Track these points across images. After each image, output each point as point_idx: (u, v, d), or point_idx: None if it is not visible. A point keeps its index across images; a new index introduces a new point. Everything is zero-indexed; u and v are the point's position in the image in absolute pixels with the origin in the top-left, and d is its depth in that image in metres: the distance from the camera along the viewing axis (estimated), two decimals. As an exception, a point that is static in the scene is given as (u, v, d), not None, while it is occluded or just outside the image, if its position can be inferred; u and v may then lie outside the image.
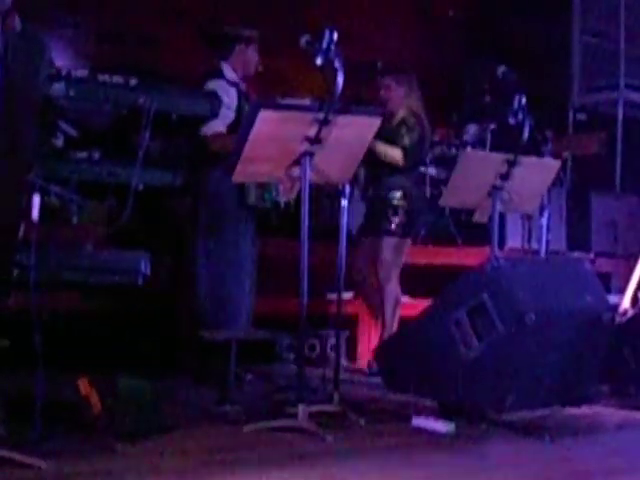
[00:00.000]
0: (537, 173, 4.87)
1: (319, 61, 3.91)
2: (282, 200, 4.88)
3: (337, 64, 3.89)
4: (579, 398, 4.35)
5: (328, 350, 5.61)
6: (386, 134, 5.38)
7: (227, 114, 4.81)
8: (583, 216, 7.92)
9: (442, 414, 4.26)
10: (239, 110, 4.92)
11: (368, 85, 6.89)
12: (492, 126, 7.18)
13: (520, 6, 9.05)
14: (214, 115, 4.45)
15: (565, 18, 9.62)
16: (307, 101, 4.88)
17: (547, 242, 7.04)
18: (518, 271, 4.10)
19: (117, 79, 3.91)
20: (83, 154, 4.00)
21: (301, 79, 6.22)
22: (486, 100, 7.26)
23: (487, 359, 3.96)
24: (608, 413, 4.75)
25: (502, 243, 6.93)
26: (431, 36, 8.74)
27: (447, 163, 7.01)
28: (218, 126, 4.79)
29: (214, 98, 4.32)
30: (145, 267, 3.96)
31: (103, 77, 3.91)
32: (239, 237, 4.87)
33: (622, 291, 5.75)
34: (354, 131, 4.01)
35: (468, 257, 6.46)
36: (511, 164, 4.67)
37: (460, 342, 4.03)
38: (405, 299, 6.57)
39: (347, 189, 4.38)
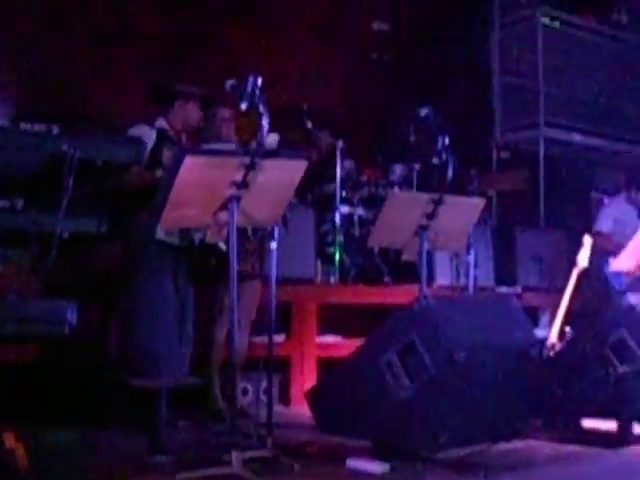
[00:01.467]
0: (462, 211, 4.94)
1: (244, 106, 3.93)
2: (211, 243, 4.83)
3: (261, 109, 3.92)
4: (511, 433, 4.38)
5: (260, 394, 5.55)
6: None
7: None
8: (509, 252, 8.05)
9: (377, 455, 4.24)
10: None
11: (294, 129, 6.96)
12: (417, 166, 7.28)
13: (442, 48, 9.24)
14: (139, 161, 4.41)
15: (485, 59, 9.87)
16: (233, 146, 4.89)
17: (475, 278, 7.13)
18: (447, 309, 4.14)
19: (39, 127, 3.85)
20: (5, 203, 3.92)
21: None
22: (411, 140, 7.37)
23: (419, 398, 3.97)
24: (540, 446, 4.80)
25: (431, 280, 7.01)
26: (356, 78, 8.86)
27: (375, 203, 7.08)
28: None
29: (139, 143, 4.29)
30: (72, 316, 3.88)
31: (25, 126, 3.85)
32: (166, 281, 4.81)
33: (550, 325, 5.84)
34: (281, 174, 4.02)
35: (398, 296, 6.51)
36: (437, 203, 4.73)
37: (392, 382, 4.03)
38: (337, 339, 6.59)
39: (276, 232, 4.38)
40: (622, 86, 10.61)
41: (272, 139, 4.28)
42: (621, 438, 4.98)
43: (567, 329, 5.45)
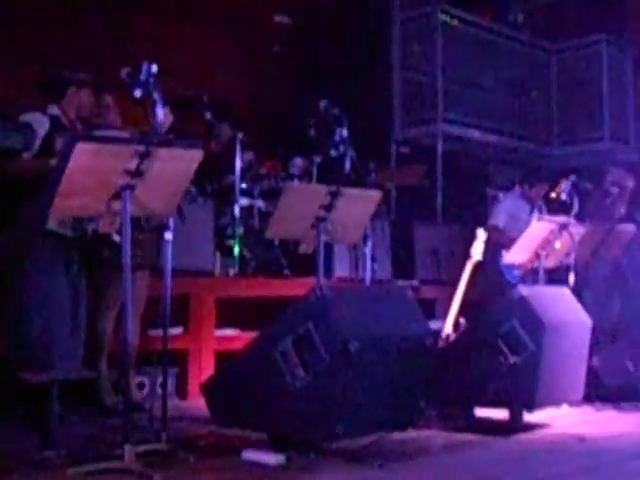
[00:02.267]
0: (360, 204, 4.97)
1: (138, 93, 3.87)
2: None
3: (156, 96, 3.86)
4: (406, 422, 4.43)
5: (157, 388, 5.48)
6: None
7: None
8: (407, 245, 8.17)
9: (272, 446, 4.24)
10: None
11: (193, 118, 6.89)
12: (317, 159, 7.30)
13: (343, 42, 9.30)
14: (29, 148, 4.30)
15: (386, 54, 9.97)
16: (126, 133, 4.81)
17: (373, 271, 7.20)
18: (342, 300, 4.15)
19: None
20: None
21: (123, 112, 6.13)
22: (311, 134, 7.38)
23: (314, 388, 3.98)
24: (434, 435, 4.89)
25: (330, 273, 7.05)
26: (257, 70, 8.83)
27: (275, 196, 7.06)
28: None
29: (29, 130, 4.17)
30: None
31: None
32: (58, 273, 4.69)
33: (446, 316, 5.93)
34: (176, 164, 3.96)
35: (297, 288, 6.49)
36: (334, 195, 4.74)
37: (286, 373, 4.03)
38: (236, 332, 6.55)
39: (171, 222, 4.32)
40: (518, 85, 10.89)
41: (165, 117, 4.16)
42: (512, 426, 5.10)
43: (461, 320, 5.56)
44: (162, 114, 3.91)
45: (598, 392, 6.07)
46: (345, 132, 4.86)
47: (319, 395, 3.98)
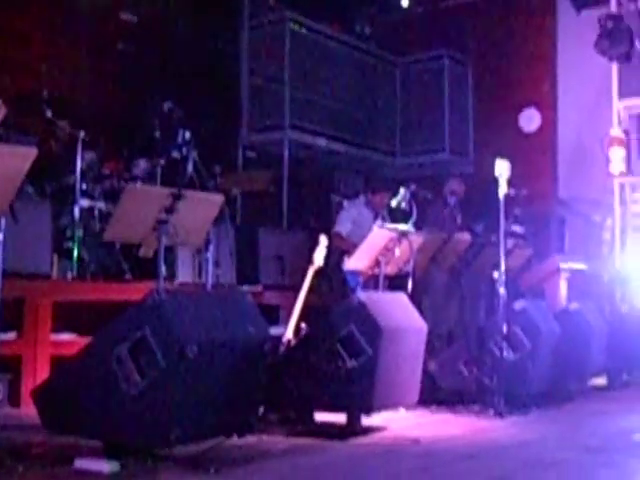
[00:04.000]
0: (202, 207, 4.92)
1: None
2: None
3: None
4: (244, 428, 4.41)
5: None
6: None
7: None
8: (252, 251, 8.15)
9: (108, 454, 4.12)
10: None
11: (33, 115, 6.65)
12: (162, 161, 7.18)
13: (191, 44, 9.20)
14: None
15: (235, 59, 9.94)
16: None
17: (217, 277, 7.16)
18: (180, 304, 4.10)
19: None
20: None
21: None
22: (155, 135, 7.25)
23: (150, 394, 3.90)
24: (273, 440, 4.88)
25: (172, 277, 6.94)
26: (101, 69, 8.61)
27: (117, 197, 6.89)
28: None
29: None
30: None
31: None
32: None
33: (289, 322, 5.95)
34: (8, 161, 3.80)
35: (138, 292, 6.35)
36: (176, 198, 4.67)
37: (122, 379, 3.93)
38: (73, 337, 6.34)
39: (2, 222, 4.14)
40: (364, 95, 11.12)
41: None
42: (350, 430, 5.17)
43: (302, 325, 5.59)
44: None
45: (434, 395, 6.24)
46: (188, 134, 4.80)
47: (155, 401, 3.90)
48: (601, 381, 7.88)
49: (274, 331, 5.19)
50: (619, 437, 5.26)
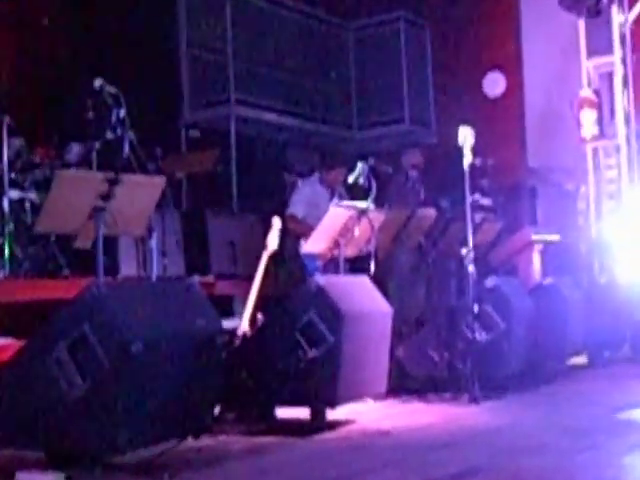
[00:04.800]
0: (142, 192, 4.88)
1: None
2: None
3: None
4: (200, 429, 4.40)
5: None
6: None
7: None
8: (201, 238, 8.12)
9: (52, 464, 4.09)
10: None
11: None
12: (97, 144, 7.10)
13: (123, 15, 9.09)
14: None
15: (172, 29, 9.84)
16: None
17: (164, 267, 7.13)
18: (122, 297, 4.07)
19: None
20: None
21: None
22: (89, 116, 7.17)
23: (93, 397, 3.87)
24: (232, 441, 4.88)
25: (115, 271, 6.89)
26: (25, 47, 8.49)
27: (49, 186, 6.81)
28: None
29: None
30: None
31: None
32: None
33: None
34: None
35: (78, 290, 6.31)
36: (112, 183, 4.63)
37: (62, 381, 3.89)
38: (8, 341, 6.27)
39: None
40: (315, 64, 11.09)
41: None
42: (314, 425, 5.18)
43: (259, 316, 5.59)
44: None
45: (403, 384, 6.28)
46: (123, 112, 4.75)
47: (100, 404, 3.88)
48: (581, 360, 7.99)
49: (228, 324, 5.18)
50: (602, 418, 5.34)
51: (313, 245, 6.23)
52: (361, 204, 6.20)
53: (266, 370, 5.13)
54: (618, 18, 9.93)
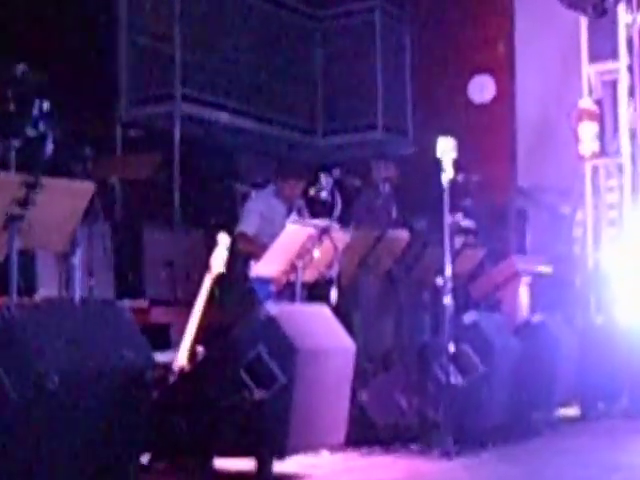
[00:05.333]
0: (66, 199, 4.82)
1: None
2: None
3: None
4: (122, 478, 4.36)
5: None
6: None
7: None
8: (135, 256, 8.07)
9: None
10: None
11: None
12: (16, 142, 7.03)
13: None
14: None
15: (110, 10, 9.80)
16: None
17: (90, 288, 7.05)
18: (38, 322, 4.04)
19: None
20: None
21: None
22: (9, 109, 7.09)
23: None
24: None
25: (31, 291, 6.82)
26: None
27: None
28: None
29: None
30: None
31: None
32: None
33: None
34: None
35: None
36: (31, 187, 4.57)
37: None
38: None
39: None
40: (277, 59, 11.09)
41: None
42: (260, 479, 5.15)
43: (199, 348, 5.55)
44: None
45: (365, 433, 6.27)
46: (47, 105, 4.70)
47: (7, 446, 3.84)
48: (572, 411, 8.03)
49: (162, 357, 5.16)
50: (594, 480, 5.37)
51: (265, 267, 6.21)
52: (323, 222, 6.20)
53: (205, 413, 5.11)
54: (625, 18, 10.02)
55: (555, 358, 7.35)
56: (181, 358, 5.53)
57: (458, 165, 6.25)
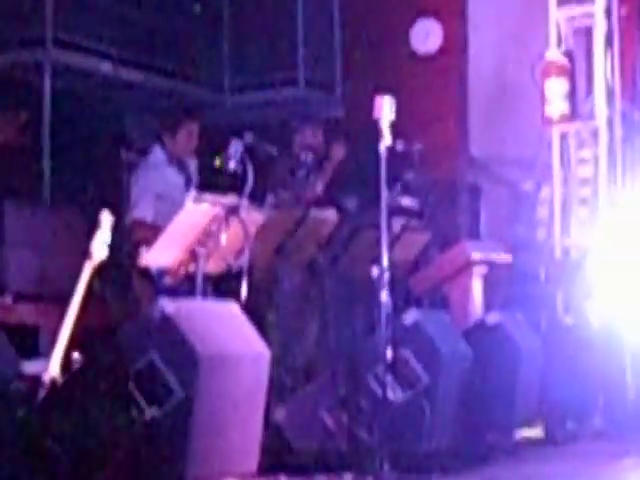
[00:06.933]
0: None
1: None
2: None
3: None
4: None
5: None
6: None
7: None
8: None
9: None
10: None
11: None
12: None
13: None
14: None
15: None
16: None
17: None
18: None
19: None
20: None
21: None
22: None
23: None
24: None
25: None
26: None
27: None
28: None
29: None
30: None
31: None
32: None
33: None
34: None
35: None
36: None
37: None
38: None
39: None
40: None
41: None
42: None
43: (75, 355, 5.54)
44: None
45: (283, 459, 6.31)
46: None
47: None
48: (535, 432, 8.13)
49: (30, 366, 5.13)
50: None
51: (159, 255, 6.20)
52: (231, 199, 6.20)
53: (83, 434, 5.09)
54: (602, -49, 10.15)
55: (515, 367, 7.43)
56: (53, 368, 5.52)
57: (397, 130, 6.29)
